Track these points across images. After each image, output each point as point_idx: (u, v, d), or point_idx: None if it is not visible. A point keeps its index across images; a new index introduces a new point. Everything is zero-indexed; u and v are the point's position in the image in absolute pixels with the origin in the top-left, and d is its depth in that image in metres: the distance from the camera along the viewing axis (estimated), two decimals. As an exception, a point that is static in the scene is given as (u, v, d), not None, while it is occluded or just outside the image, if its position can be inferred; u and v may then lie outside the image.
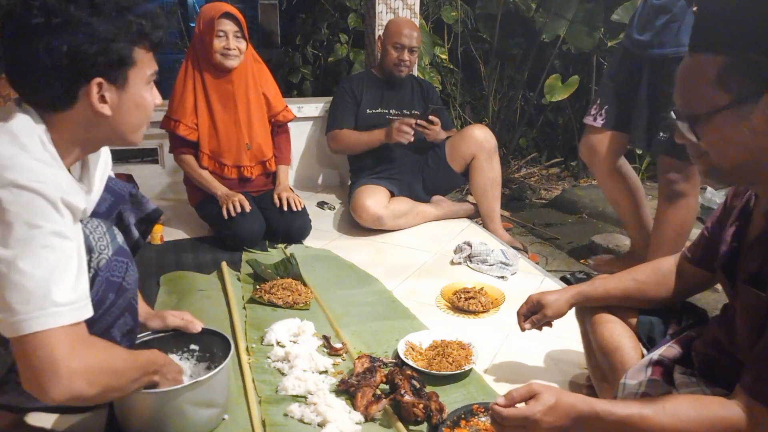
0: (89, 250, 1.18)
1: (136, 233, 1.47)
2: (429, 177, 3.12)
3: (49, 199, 1.01)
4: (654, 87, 2.17)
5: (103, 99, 1.10)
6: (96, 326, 1.17)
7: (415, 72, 3.70)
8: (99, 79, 1.08)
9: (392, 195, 2.97)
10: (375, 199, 2.86)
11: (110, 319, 1.23)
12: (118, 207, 1.41)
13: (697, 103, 0.97)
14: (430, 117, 2.90)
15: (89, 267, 1.18)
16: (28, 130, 1.06)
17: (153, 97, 1.19)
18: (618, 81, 2.33)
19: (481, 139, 3.00)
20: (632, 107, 2.25)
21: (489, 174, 3.02)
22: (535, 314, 1.53)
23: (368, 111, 3.16)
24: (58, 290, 1.01)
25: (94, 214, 1.33)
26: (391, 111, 3.14)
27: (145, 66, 1.15)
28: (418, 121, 2.90)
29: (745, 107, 0.93)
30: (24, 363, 1.02)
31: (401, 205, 2.96)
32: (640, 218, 2.57)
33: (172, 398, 1.33)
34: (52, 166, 1.06)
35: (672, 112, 1.02)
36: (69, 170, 1.19)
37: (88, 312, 1.07)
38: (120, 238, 1.27)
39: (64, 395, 1.02)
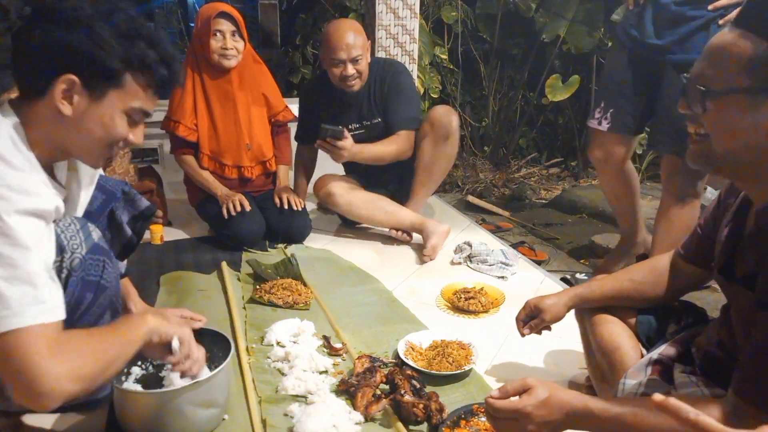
0: (61, 250, 1.14)
1: (128, 231, 1.46)
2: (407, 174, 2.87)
3: (10, 200, 0.98)
4: (678, 91, 2.16)
5: (69, 99, 1.09)
6: (76, 328, 1.14)
7: (415, 70, 3.69)
8: (73, 77, 1.07)
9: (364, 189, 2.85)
10: (333, 178, 2.80)
11: (91, 319, 1.21)
12: (110, 205, 1.40)
13: (716, 77, 0.95)
14: (327, 139, 2.50)
15: (62, 267, 1.15)
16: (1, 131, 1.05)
17: (128, 131, 1.16)
18: (625, 84, 2.30)
19: (433, 116, 2.71)
20: (648, 111, 2.23)
21: (425, 157, 2.73)
22: (533, 319, 1.53)
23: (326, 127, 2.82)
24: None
25: (86, 212, 1.33)
26: (350, 126, 2.77)
27: (132, 97, 1.13)
28: (320, 143, 2.54)
29: (759, 98, 0.92)
30: (4, 372, 0.98)
31: (363, 194, 2.78)
32: (636, 211, 2.62)
33: (172, 398, 1.33)
34: (19, 169, 1.03)
35: (685, 77, 1.01)
36: (53, 169, 1.19)
37: (58, 314, 1.03)
38: (96, 234, 1.23)
39: (55, 403, 0.99)
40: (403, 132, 2.71)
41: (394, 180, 2.94)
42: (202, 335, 1.54)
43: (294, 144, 3.04)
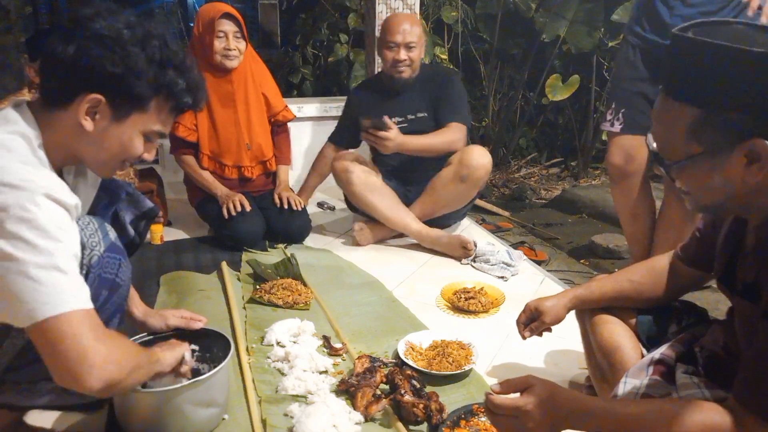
0: (81, 247, 1.17)
1: (131, 232, 1.47)
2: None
3: (36, 193, 1.01)
4: None
5: (92, 116, 1.10)
6: None
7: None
8: (99, 97, 1.08)
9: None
10: (356, 156, 2.78)
11: (103, 317, 1.22)
12: (114, 206, 1.42)
13: (670, 149, 0.98)
14: (370, 130, 2.55)
15: (82, 264, 1.18)
16: (16, 135, 1.07)
17: (143, 149, 1.19)
18: (636, 82, 2.27)
19: (465, 153, 2.68)
20: None
21: (438, 183, 2.71)
22: (534, 321, 1.53)
23: (366, 118, 2.84)
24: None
25: (90, 213, 1.34)
26: (393, 119, 2.70)
27: (154, 121, 1.16)
28: (365, 136, 2.61)
29: (718, 158, 0.93)
30: (52, 356, 1.01)
31: (380, 184, 2.73)
32: (650, 237, 2.46)
33: (172, 398, 1.33)
34: (38, 168, 1.06)
35: (650, 139, 1.03)
36: (62, 171, 1.21)
37: (89, 304, 1.07)
38: (112, 234, 1.27)
39: (99, 382, 1.02)
40: (455, 124, 2.70)
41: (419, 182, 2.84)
42: (202, 335, 1.54)
43: (295, 145, 3.04)
